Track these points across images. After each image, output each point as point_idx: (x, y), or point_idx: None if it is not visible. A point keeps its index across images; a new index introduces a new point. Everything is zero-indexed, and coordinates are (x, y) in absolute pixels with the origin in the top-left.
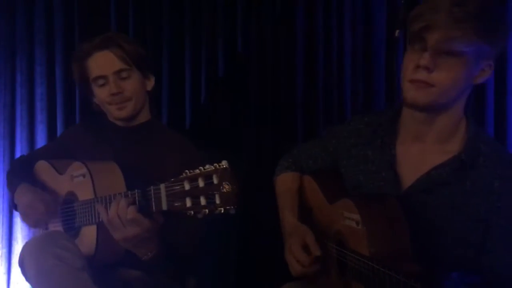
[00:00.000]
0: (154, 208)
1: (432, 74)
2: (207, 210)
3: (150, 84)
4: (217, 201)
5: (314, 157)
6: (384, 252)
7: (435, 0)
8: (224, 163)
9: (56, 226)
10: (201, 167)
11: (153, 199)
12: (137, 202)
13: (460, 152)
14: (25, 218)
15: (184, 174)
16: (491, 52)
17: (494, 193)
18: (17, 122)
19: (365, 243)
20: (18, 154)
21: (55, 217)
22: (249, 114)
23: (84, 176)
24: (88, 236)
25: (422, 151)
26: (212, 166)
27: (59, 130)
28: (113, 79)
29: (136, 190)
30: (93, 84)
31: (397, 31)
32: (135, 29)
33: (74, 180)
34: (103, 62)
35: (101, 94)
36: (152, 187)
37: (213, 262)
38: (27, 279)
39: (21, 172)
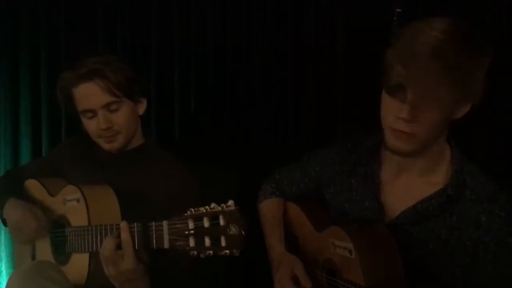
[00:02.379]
0: (154, 245)
1: (412, 124)
2: (211, 252)
3: (143, 107)
4: (223, 244)
5: (297, 182)
6: (379, 281)
7: (412, 52)
8: (231, 204)
9: (45, 248)
10: (207, 206)
11: (154, 235)
12: (135, 236)
13: (446, 186)
14: (15, 234)
15: (188, 212)
16: (470, 94)
17: (481, 228)
18: (0, 135)
19: (359, 272)
20: (1, 168)
21: (46, 235)
22: (241, 126)
23: (78, 201)
24: (80, 264)
25: (407, 182)
26: (218, 206)
27: (44, 144)
28: (102, 113)
29: (135, 224)
30: (81, 115)
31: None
32: (123, 39)
33: (67, 204)
34: (89, 96)
35: (89, 126)
36: (154, 222)
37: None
38: None
39: (10, 187)
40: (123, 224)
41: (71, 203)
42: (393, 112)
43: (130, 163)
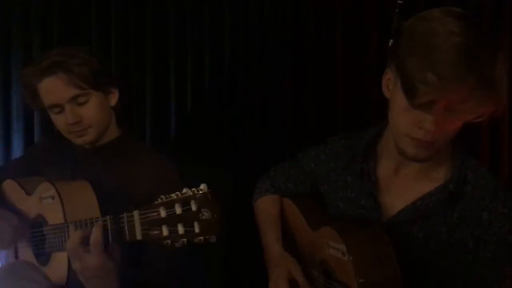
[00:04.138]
0: (128, 237)
1: (436, 133)
2: (185, 240)
3: (114, 98)
4: (196, 230)
5: (293, 179)
6: (373, 283)
7: (444, 63)
8: (203, 187)
9: (26, 251)
10: (178, 192)
11: (126, 227)
12: (109, 230)
13: (447, 182)
14: None
15: (159, 200)
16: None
17: (483, 226)
18: None
19: (353, 274)
20: None
21: (23, 241)
22: (237, 125)
23: (53, 198)
24: (60, 262)
25: (405, 179)
26: (190, 191)
27: (36, 139)
28: (69, 107)
29: (107, 217)
30: (48, 111)
31: (390, 41)
32: (117, 35)
33: (43, 202)
34: (54, 90)
35: (58, 122)
36: (125, 213)
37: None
38: None
39: None
40: (99, 222)
41: (46, 201)
42: (413, 122)
43: (107, 157)
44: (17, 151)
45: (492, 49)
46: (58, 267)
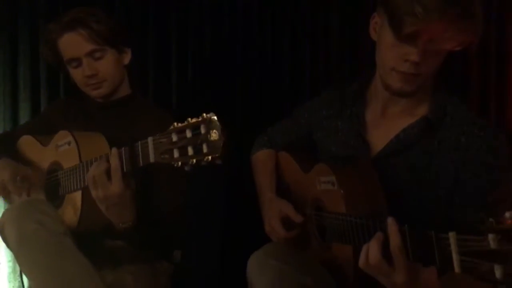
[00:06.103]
0: (141, 162)
1: (421, 65)
2: (194, 160)
3: (127, 57)
4: (204, 150)
5: (288, 132)
6: (362, 211)
7: (431, 1)
8: (211, 114)
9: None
10: (189, 119)
11: (140, 154)
12: (123, 159)
13: (427, 113)
14: (1, 191)
15: (172, 127)
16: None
17: (461, 149)
18: (0, 100)
19: (343, 204)
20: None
21: (36, 189)
22: (235, 90)
23: (69, 144)
24: (73, 203)
25: (391, 118)
26: (200, 117)
27: (43, 108)
28: (86, 61)
29: (123, 148)
30: (67, 65)
31: None
32: (121, 3)
33: (59, 150)
34: (74, 44)
35: (75, 75)
36: (139, 141)
37: (198, 234)
38: (8, 245)
39: (2, 147)
40: (114, 150)
41: (63, 148)
42: (399, 56)
43: (118, 113)
44: (24, 119)
45: None
46: (71, 207)
